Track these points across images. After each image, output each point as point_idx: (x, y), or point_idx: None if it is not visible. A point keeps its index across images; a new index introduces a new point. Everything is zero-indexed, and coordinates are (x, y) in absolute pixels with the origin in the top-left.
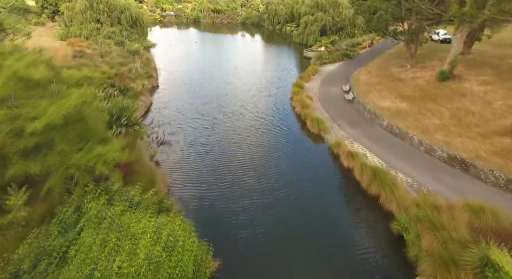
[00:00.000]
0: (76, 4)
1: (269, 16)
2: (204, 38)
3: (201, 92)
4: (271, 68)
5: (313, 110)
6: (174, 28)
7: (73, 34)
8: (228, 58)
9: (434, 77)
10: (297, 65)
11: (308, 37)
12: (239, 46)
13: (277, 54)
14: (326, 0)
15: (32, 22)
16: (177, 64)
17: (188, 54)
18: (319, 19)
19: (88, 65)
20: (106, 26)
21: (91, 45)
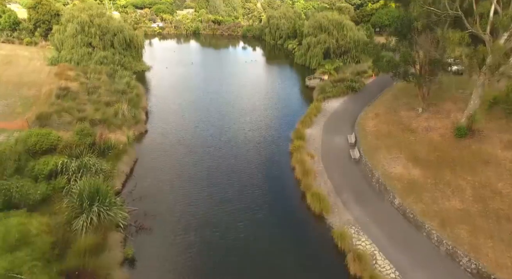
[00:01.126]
0: (67, 27)
1: (271, 30)
2: (203, 56)
3: (193, 142)
4: (271, 103)
5: (315, 176)
6: (173, 41)
7: (63, 58)
8: (227, 88)
9: (449, 129)
10: (299, 98)
11: (311, 59)
12: (239, 69)
13: (278, 81)
14: (330, 22)
15: (24, 41)
16: (170, 98)
17: (184, 82)
18: (323, 41)
19: (71, 109)
20: (98, 50)
21: (79, 77)
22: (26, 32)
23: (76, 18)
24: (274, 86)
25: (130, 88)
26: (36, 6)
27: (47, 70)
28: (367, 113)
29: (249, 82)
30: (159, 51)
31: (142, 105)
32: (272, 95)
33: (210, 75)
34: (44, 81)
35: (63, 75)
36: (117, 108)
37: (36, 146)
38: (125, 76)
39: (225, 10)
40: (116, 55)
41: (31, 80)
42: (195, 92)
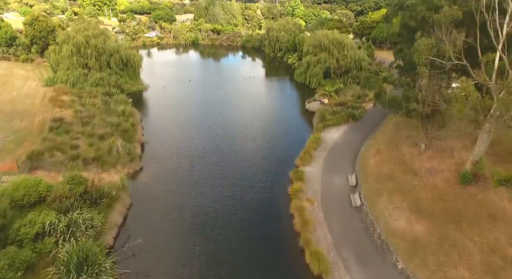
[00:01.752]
0: (63, 48)
1: (270, 42)
2: (201, 71)
3: (187, 184)
4: (270, 132)
5: (314, 228)
6: (172, 52)
7: (59, 79)
8: (226, 114)
9: (454, 172)
10: (298, 125)
11: (311, 78)
12: (238, 88)
13: (277, 104)
14: (330, 41)
15: (20, 58)
16: (167, 127)
17: (182, 106)
18: (323, 60)
19: (63, 145)
20: (94, 72)
21: (74, 104)
22: (22, 48)
23: (72, 39)
24: (273, 110)
25: (125, 116)
26: (33, 22)
27: (42, 93)
28: (368, 148)
29: (249, 105)
30: (158, 65)
31: (138, 137)
32: (271, 122)
33: (208, 97)
34: (38, 109)
35: (58, 102)
36: (112, 142)
37: (23, 199)
38: (121, 101)
39: (224, 18)
40: (112, 75)
41: (25, 108)
42: (193, 119)
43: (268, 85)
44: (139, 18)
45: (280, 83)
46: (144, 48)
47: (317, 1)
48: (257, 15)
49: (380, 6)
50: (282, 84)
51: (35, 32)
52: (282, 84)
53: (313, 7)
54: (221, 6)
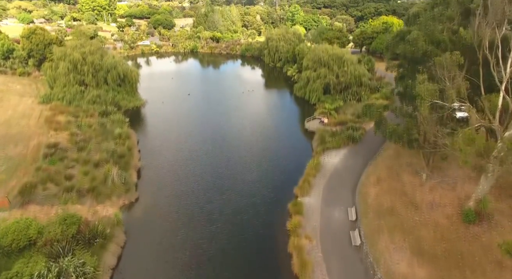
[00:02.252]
0: (59, 65)
1: (270, 52)
2: (200, 83)
3: (184, 217)
4: (269, 154)
5: (313, 270)
6: (171, 61)
7: (56, 96)
8: (223, 133)
9: (456, 207)
10: (298, 147)
11: (311, 94)
12: (236, 102)
13: (276, 121)
14: (330, 56)
15: (17, 72)
16: (164, 149)
17: (180, 124)
18: (323, 75)
19: (58, 174)
20: (91, 89)
21: (70, 125)
22: (19, 61)
23: (68, 56)
24: (272, 130)
25: (122, 139)
26: (30, 36)
27: (38, 112)
28: (368, 176)
29: (247, 124)
30: (157, 76)
31: (134, 163)
32: (271, 144)
33: (207, 115)
34: (33, 132)
35: (53, 123)
36: (107, 171)
37: (12, 245)
38: (118, 121)
39: (223, 25)
40: (109, 92)
41: (19, 131)
42: (191, 139)
43: (267, 100)
44: (138, 23)
45: (279, 98)
46: (142, 57)
47: (317, 5)
48: (256, 21)
49: (380, 12)
50: (281, 99)
51: (32, 46)
52: (282, 98)
53: (313, 12)
54: (220, 13)
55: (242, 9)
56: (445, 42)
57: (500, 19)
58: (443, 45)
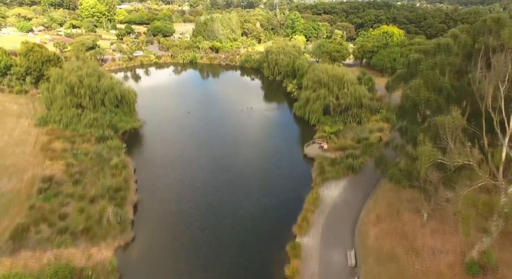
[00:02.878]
0: (56, 87)
1: (269, 65)
2: (200, 99)
3: (179, 256)
4: (265, 186)
5: None
6: (170, 72)
7: (52, 119)
8: (221, 161)
9: (459, 254)
10: (296, 176)
11: (311, 114)
12: (235, 122)
13: (274, 145)
14: (330, 77)
15: (14, 90)
16: (162, 177)
17: (178, 148)
18: (322, 96)
19: (52, 214)
20: (88, 111)
21: (66, 154)
22: (16, 78)
23: (65, 79)
24: (270, 155)
25: (118, 170)
26: (27, 53)
27: (34, 137)
28: (368, 214)
29: (245, 149)
30: (156, 91)
31: (130, 198)
32: (268, 173)
33: (205, 136)
34: (28, 162)
35: (49, 151)
36: (102, 208)
37: None
38: (115, 147)
39: (223, 33)
40: (107, 114)
41: (14, 162)
42: (187, 165)
43: (266, 120)
44: (138, 29)
45: (278, 117)
46: (141, 67)
47: (317, 11)
48: (256, 28)
49: (380, 20)
50: (280, 118)
51: (30, 63)
52: (281, 117)
53: (313, 19)
54: (220, 21)
55: (242, 17)
56: (447, 89)
57: (503, 78)
58: (445, 93)
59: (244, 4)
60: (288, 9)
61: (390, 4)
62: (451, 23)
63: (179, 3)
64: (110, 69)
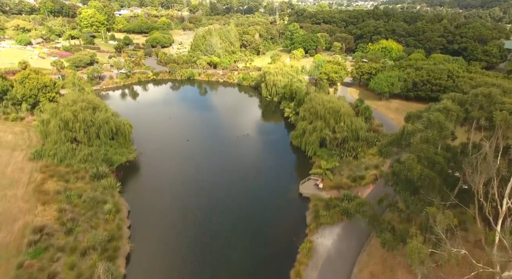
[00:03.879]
0: (51, 121)
1: (267, 86)
2: (197, 124)
3: None
4: (263, 230)
5: None
6: (168, 90)
7: (47, 153)
8: (218, 199)
9: None
10: (291, 219)
11: (307, 146)
12: (231, 151)
13: (269, 181)
14: (326, 110)
15: (10, 117)
16: (156, 220)
17: (172, 183)
18: (319, 129)
19: (41, 272)
20: (83, 146)
21: (59, 197)
22: (12, 103)
23: (59, 113)
24: (264, 194)
25: (111, 215)
26: (23, 81)
27: (27, 176)
28: (361, 270)
29: (240, 185)
30: (154, 114)
31: (123, 249)
32: (262, 220)
33: (202, 169)
34: (20, 208)
35: (42, 193)
36: (93, 263)
37: None
38: (109, 187)
39: (221, 47)
40: (102, 147)
41: (5, 208)
42: (183, 209)
43: (262, 149)
44: (137, 39)
45: (275, 146)
46: (139, 84)
47: (317, 20)
48: (255, 39)
49: (380, 31)
50: (277, 147)
51: (26, 91)
52: (277, 147)
53: (313, 28)
54: (218, 34)
55: (241, 29)
56: (441, 164)
57: (492, 173)
58: (438, 167)
59: (244, 9)
60: (287, 15)
61: (389, 13)
62: (450, 37)
63: (179, 7)
64: (107, 87)
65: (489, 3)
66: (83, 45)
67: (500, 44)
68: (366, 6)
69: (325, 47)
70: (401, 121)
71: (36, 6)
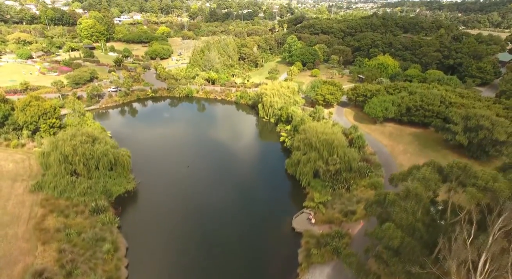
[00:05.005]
0: (51, 155)
1: (264, 106)
2: (198, 148)
3: None
4: (253, 270)
5: None
6: (167, 109)
7: (47, 185)
8: (211, 231)
9: None
10: (283, 257)
11: (301, 176)
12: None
13: (262, 214)
14: (320, 142)
15: (11, 144)
16: (154, 259)
17: (171, 216)
18: (313, 160)
19: None
20: (83, 178)
21: (59, 235)
22: (13, 128)
23: (59, 147)
24: (257, 230)
25: (109, 255)
26: (24, 108)
27: (28, 210)
28: None
29: (235, 217)
30: (153, 137)
31: None
32: (253, 260)
33: (196, 199)
34: (20, 249)
35: (43, 231)
36: None
37: None
38: (107, 222)
39: (220, 62)
40: (101, 178)
41: (6, 251)
42: (176, 240)
43: (258, 177)
44: (137, 49)
45: (270, 173)
46: (138, 102)
47: (315, 31)
48: (253, 52)
49: (377, 44)
50: (272, 176)
51: (27, 118)
52: (273, 174)
53: (311, 38)
54: (217, 48)
55: (239, 42)
56: (420, 231)
57: (464, 257)
58: (418, 234)
59: (244, 14)
60: (286, 23)
61: (387, 22)
62: (446, 52)
63: (178, 12)
64: (106, 106)
65: (487, 7)
66: (83, 58)
67: (494, 61)
68: (366, 8)
69: (323, 59)
70: (394, 148)
71: (37, 14)
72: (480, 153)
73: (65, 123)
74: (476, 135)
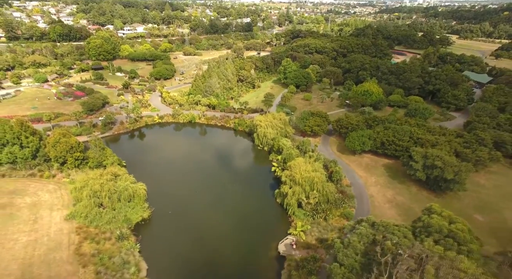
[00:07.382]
0: (83, 191)
1: (258, 136)
2: (201, 180)
3: None
4: None
5: None
6: (172, 129)
7: (79, 214)
8: (210, 258)
9: None
10: (268, 277)
11: (288, 207)
12: (222, 208)
13: (254, 239)
14: (303, 179)
15: (44, 175)
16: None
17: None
18: (297, 193)
19: None
20: (108, 210)
21: (95, 259)
22: (44, 160)
23: (89, 185)
24: (248, 252)
25: (134, 275)
26: (55, 144)
27: (67, 237)
28: None
29: (227, 244)
30: (161, 159)
31: None
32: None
33: (198, 228)
34: (68, 272)
35: (81, 256)
36: None
37: None
38: (130, 247)
39: (219, 86)
40: (122, 209)
41: (57, 272)
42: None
43: (250, 204)
44: (141, 69)
45: (262, 201)
46: (146, 127)
47: (309, 50)
48: (251, 74)
49: (365, 68)
50: (263, 204)
51: (57, 153)
52: (263, 203)
53: (305, 58)
54: (217, 74)
55: (238, 64)
56: (357, 269)
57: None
58: (355, 271)
59: (243, 25)
60: (284, 36)
61: (377, 43)
62: (426, 78)
63: (179, 22)
64: (118, 133)
65: (481, 16)
66: (93, 80)
67: (468, 88)
68: (364, 13)
69: (316, 80)
70: (368, 179)
71: (46, 30)
72: (436, 187)
73: (87, 155)
74: (432, 172)
